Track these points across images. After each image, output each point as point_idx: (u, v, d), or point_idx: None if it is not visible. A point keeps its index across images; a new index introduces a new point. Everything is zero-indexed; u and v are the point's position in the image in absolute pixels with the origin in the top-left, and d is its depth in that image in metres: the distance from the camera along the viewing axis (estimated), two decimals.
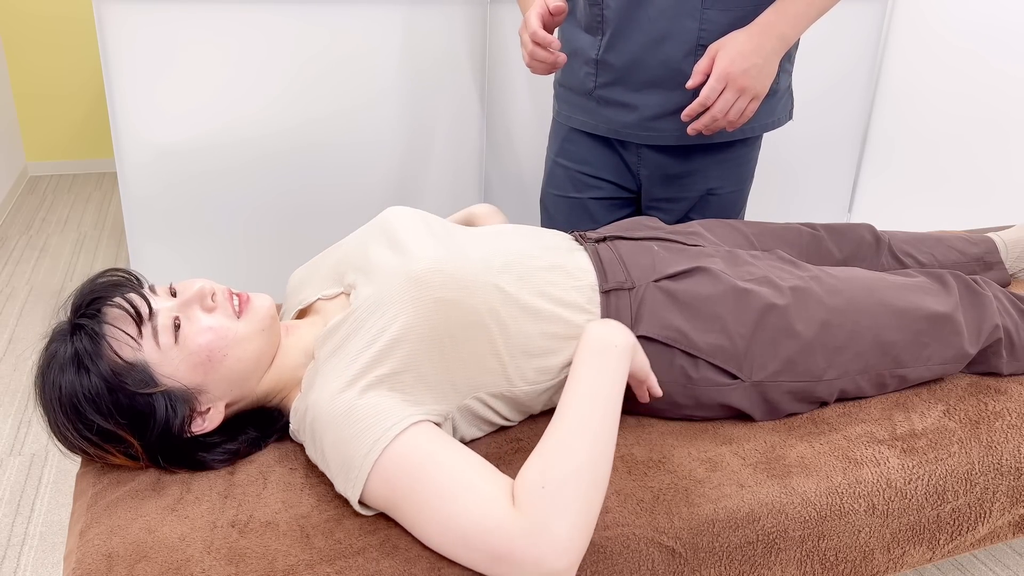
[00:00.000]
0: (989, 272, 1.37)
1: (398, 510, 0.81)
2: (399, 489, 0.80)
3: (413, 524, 0.81)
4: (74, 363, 0.86)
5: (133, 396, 0.86)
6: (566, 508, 0.75)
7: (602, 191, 1.46)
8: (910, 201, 2.45)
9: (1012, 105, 2.12)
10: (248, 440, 0.95)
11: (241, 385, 0.93)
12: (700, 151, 1.37)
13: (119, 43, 1.72)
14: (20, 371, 2.17)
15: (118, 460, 0.91)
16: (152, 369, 0.87)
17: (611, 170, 1.44)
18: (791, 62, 1.37)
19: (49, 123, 3.92)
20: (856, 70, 2.41)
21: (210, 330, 0.89)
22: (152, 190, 1.85)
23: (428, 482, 0.79)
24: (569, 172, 1.48)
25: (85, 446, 0.89)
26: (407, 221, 1.02)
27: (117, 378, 0.85)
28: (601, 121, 1.40)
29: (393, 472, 0.80)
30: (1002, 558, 1.55)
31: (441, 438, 0.83)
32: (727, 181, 1.40)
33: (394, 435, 0.81)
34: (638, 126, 1.36)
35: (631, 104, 1.35)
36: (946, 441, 1.03)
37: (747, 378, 1.01)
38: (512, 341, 0.94)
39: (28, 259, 2.93)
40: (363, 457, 0.81)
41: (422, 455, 0.80)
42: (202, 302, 0.91)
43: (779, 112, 1.39)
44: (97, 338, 0.86)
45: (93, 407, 0.85)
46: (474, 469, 0.80)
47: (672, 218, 1.43)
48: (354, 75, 1.93)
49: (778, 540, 0.92)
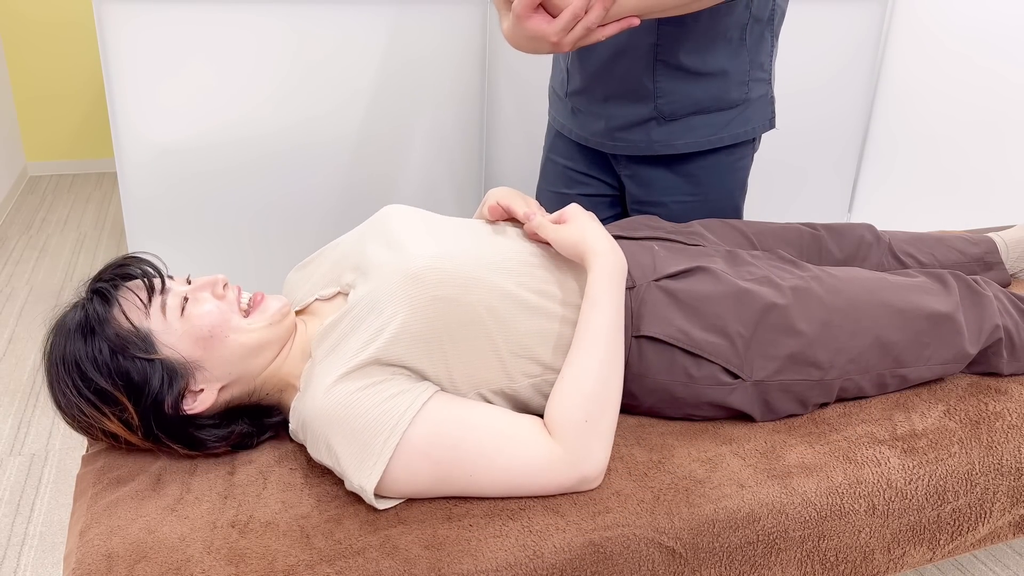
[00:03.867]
0: (989, 272, 1.36)
1: (440, 481, 0.86)
2: (442, 462, 0.85)
3: (463, 487, 0.87)
4: (82, 325, 0.90)
5: (132, 360, 0.89)
6: (603, 434, 0.89)
7: (590, 187, 1.47)
8: (910, 201, 2.45)
9: (1012, 105, 2.12)
10: (241, 430, 0.95)
11: (240, 368, 0.94)
12: (681, 160, 1.34)
13: (119, 43, 1.71)
14: (20, 371, 2.17)
15: (113, 426, 0.91)
16: (155, 338, 0.90)
17: (598, 168, 1.45)
18: (764, 70, 1.32)
19: (49, 123, 3.92)
20: (856, 70, 2.41)
21: (216, 309, 0.93)
22: (152, 190, 1.85)
23: (470, 444, 0.86)
24: (559, 168, 1.49)
25: (83, 405, 0.90)
26: (404, 219, 1.02)
27: (120, 340, 0.89)
28: (575, 127, 1.41)
29: (426, 449, 0.84)
30: (1002, 558, 1.55)
31: (459, 401, 0.89)
32: (713, 189, 1.37)
33: (413, 415, 0.85)
34: (605, 135, 1.36)
35: (598, 114, 1.35)
36: (946, 441, 1.03)
37: (748, 377, 1.01)
38: (511, 338, 0.94)
39: (28, 259, 2.93)
40: (382, 444, 0.83)
41: (452, 422, 0.86)
42: (213, 289, 0.95)
43: (754, 122, 1.34)
44: (111, 298, 0.91)
45: (93, 365, 0.88)
46: (504, 419, 0.89)
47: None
48: (354, 74, 1.93)
49: (778, 540, 0.92)
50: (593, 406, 0.89)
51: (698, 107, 1.29)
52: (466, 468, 0.86)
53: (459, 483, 0.87)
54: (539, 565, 0.83)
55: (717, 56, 1.25)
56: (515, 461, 0.87)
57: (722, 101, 1.29)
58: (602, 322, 0.92)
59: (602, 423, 0.89)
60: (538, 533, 0.85)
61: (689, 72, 1.26)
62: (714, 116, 1.30)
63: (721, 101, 1.29)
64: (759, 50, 1.29)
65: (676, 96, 1.28)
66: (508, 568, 0.82)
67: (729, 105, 1.30)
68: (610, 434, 0.91)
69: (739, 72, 1.28)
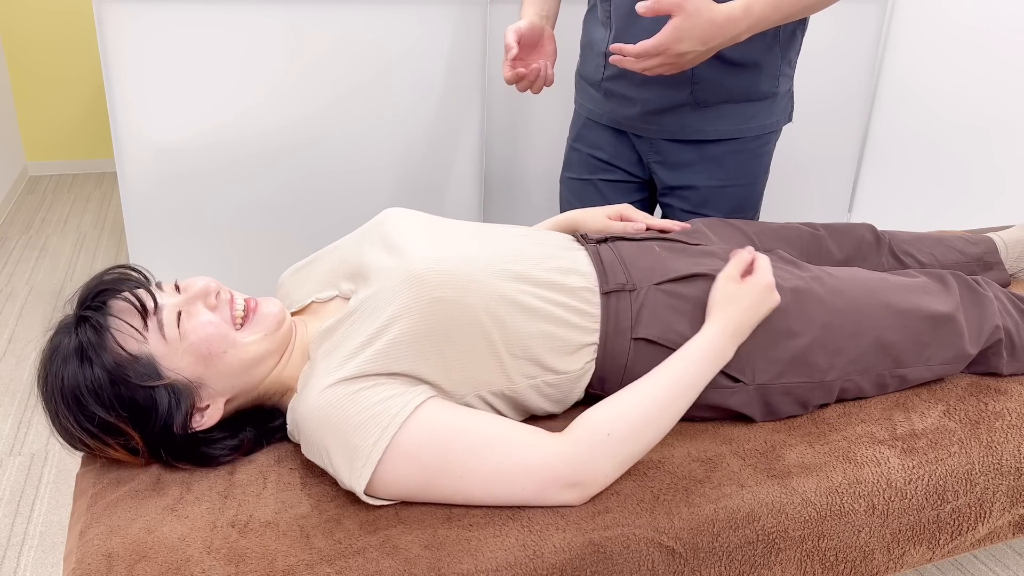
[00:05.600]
0: (989, 272, 1.36)
1: (429, 485, 0.85)
2: (430, 465, 0.84)
3: (451, 492, 0.85)
4: (78, 354, 0.86)
5: (135, 389, 0.87)
6: (616, 457, 0.88)
7: (614, 175, 1.50)
8: (910, 201, 2.45)
9: (1012, 105, 2.12)
10: (247, 437, 0.95)
11: (242, 381, 0.93)
12: (710, 143, 1.39)
13: (119, 43, 1.71)
14: (20, 371, 2.17)
15: (118, 454, 0.91)
16: (158, 362, 0.88)
17: (623, 158, 1.48)
18: (791, 67, 1.39)
19: (49, 123, 3.92)
20: (856, 70, 2.41)
21: (210, 324, 0.90)
22: (152, 189, 1.85)
23: (459, 448, 0.84)
24: (583, 156, 1.53)
25: (85, 438, 0.89)
26: (404, 223, 1.02)
27: (120, 370, 0.86)
28: (607, 111, 1.45)
29: (415, 452, 0.83)
30: (1002, 558, 1.55)
31: (453, 407, 0.88)
32: (740, 173, 1.42)
33: (404, 419, 0.84)
34: (639, 119, 1.40)
35: (633, 97, 1.39)
36: (946, 441, 1.03)
37: (749, 381, 1.01)
38: (511, 340, 0.94)
39: (28, 259, 2.93)
40: (371, 446, 0.83)
41: (443, 427, 0.85)
42: (205, 299, 0.92)
43: (778, 114, 1.41)
44: (101, 330, 0.87)
45: (95, 398, 0.86)
46: (499, 424, 0.87)
47: (688, 207, 1.45)
48: (354, 74, 1.93)
49: (778, 540, 0.92)
50: (624, 431, 0.88)
51: (730, 96, 1.35)
52: (455, 471, 0.84)
53: (447, 488, 0.85)
54: (539, 565, 0.83)
55: (754, 49, 1.30)
56: (508, 460, 0.85)
57: (752, 92, 1.35)
58: (682, 375, 0.93)
59: (622, 449, 0.88)
60: (538, 533, 0.85)
61: (727, 62, 1.31)
62: (744, 106, 1.36)
63: (751, 92, 1.35)
64: (790, 47, 1.36)
65: (712, 84, 1.33)
66: (508, 568, 0.82)
67: (759, 97, 1.36)
68: (622, 465, 0.89)
69: (771, 66, 1.35)
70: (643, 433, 0.89)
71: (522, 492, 0.86)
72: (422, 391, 0.88)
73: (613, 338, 0.99)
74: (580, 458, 0.86)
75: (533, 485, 0.85)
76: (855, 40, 2.37)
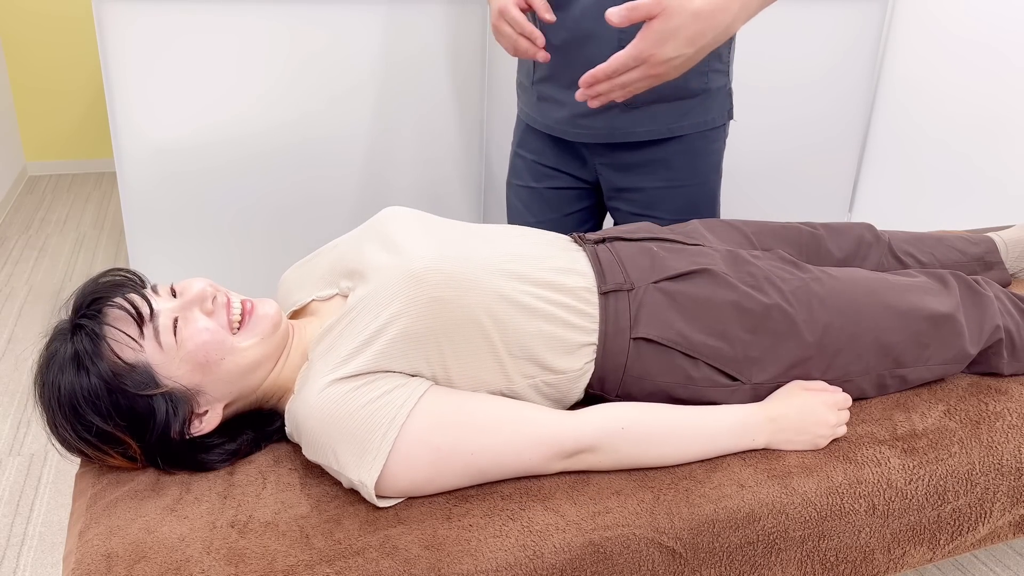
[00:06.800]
0: (989, 272, 1.36)
1: (442, 469, 0.86)
2: (442, 447, 0.85)
3: (463, 470, 0.87)
4: (74, 363, 0.85)
5: (133, 398, 0.86)
6: (619, 454, 0.91)
7: (559, 181, 1.47)
8: (910, 201, 2.45)
9: (1012, 105, 2.12)
10: (246, 441, 0.95)
11: (240, 386, 0.93)
12: (651, 145, 1.35)
13: (118, 42, 1.71)
14: (20, 371, 2.17)
15: (116, 462, 0.91)
16: (155, 370, 0.87)
17: (567, 162, 1.45)
18: (723, 62, 1.34)
19: (48, 123, 3.92)
20: (856, 70, 2.41)
21: (207, 331, 0.89)
22: (152, 189, 1.85)
23: (469, 427, 0.86)
24: (527, 162, 1.50)
25: (83, 447, 0.89)
26: (403, 221, 1.02)
27: (117, 379, 0.85)
28: (539, 116, 1.42)
29: (426, 437, 0.85)
30: (1002, 558, 1.55)
31: (455, 391, 0.90)
32: (687, 173, 1.38)
33: (410, 408, 0.85)
34: (569, 123, 1.36)
35: (562, 101, 1.36)
36: (947, 441, 1.03)
37: (747, 380, 1.01)
38: (510, 340, 0.93)
39: (27, 259, 2.93)
40: (381, 437, 0.83)
41: (450, 412, 0.87)
42: (202, 304, 0.91)
43: (714, 112, 1.36)
44: (97, 339, 0.86)
45: (92, 408, 0.86)
46: (504, 403, 0.90)
47: (636, 209, 1.42)
48: (355, 73, 1.93)
49: (778, 540, 0.92)
50: (638, 436, 0.92)
51: (660, 96, 1.31)
52: (467, 448, 0.86)
53: (459, 466, 0.87)
54: (539, 565, 0.83)
55: None
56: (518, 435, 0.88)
57: (682, 90, 1.31)
58: (709, 423, 0.96)
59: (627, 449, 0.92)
60: (538, 533, 0.85)
61: None
62: (675, 105, 1.33)
63: (681, 91, 1.31)
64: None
65: None
66: (508, 568, 0.82)
67: (689, 95, 1.33)
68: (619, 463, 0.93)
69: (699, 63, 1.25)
70: (652, 446, 0.92)
71: (529, 463, 0.89)
72: (422, 381, 0.89)
73: (612, 338, 0.99)
74: (587, 437, 0.90)
75: (540, 455, 0.89)
76: (855, 40, 2.37)
